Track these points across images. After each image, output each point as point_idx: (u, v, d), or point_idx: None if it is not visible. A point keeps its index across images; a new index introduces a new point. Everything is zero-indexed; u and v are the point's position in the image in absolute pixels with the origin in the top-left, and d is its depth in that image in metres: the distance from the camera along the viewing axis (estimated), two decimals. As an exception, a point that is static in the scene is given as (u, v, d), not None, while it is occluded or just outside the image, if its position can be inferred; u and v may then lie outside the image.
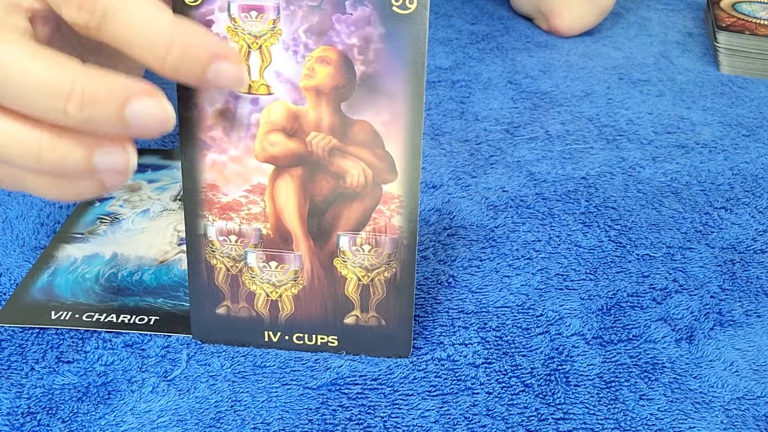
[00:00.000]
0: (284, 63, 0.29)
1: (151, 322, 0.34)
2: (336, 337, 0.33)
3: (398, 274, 0.32)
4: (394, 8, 0.28)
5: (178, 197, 0.42)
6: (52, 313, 0.34)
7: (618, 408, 0.31)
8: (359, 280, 0.32)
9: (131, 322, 0.34)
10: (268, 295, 0.33)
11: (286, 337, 0.33)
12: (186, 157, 0.31)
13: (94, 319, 0.34)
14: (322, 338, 0.33)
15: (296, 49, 0.29)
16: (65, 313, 0.34)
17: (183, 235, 0.38)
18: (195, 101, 0.30)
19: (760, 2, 0.68)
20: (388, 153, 0.30)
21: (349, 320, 0.33)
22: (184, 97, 0.30)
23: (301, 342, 0.33)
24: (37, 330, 0.34)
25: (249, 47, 0.29)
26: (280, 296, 0.32)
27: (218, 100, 0.30)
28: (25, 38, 0.26)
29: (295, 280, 0.32)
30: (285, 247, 0.32)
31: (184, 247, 0.38)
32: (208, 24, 0.29)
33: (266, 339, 0.33)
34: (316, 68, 0.29)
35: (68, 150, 0.27)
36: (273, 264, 0.32)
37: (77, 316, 0.34)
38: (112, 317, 0.34)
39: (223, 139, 0.30)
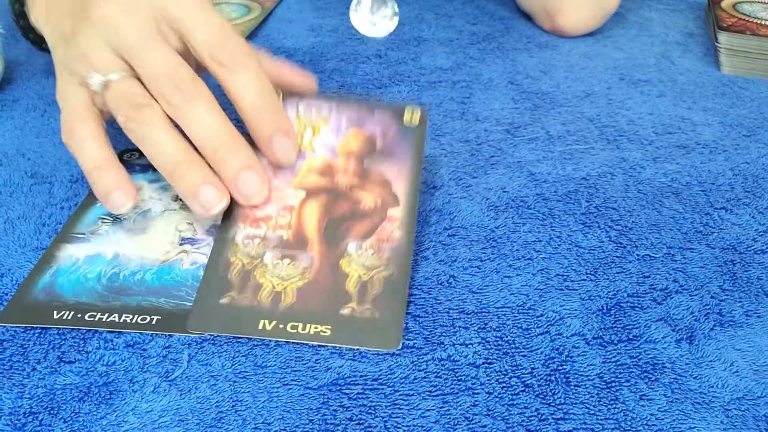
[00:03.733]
0: (328, 136, 0.41)
1: (153, 322, 0.34)
2: (329, 327, 0.33)
3: (395, 273, 0.36)
4: (404, 122, 0.41)
5: (179, 197, 0.42)
6: (55, 312, 0.34)
7: (618, 408, 0.31)
8: (360, 277, 0.35)
9: (133, 321, 0.34)
10: (274, 287, 0.35)
11: (281, 326, 0.33)
12: None
13: (96, 319, 0.34)
14: (315, 327, 0.33)
15: (339, 129, 0.41)
16: (67, 312, 0.34)
17: (184, 234, 0.39)
18: None
19: (762, 2, 0.68)
20: (395, 193, 0.39)
21: (345, 311, 0.34)
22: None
23: (295, 331, 0.33)
24: (39, 330, 0.34)
25: (305, 128, 0.41)
26: (285, 288, 0.35)
27: None
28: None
29: (302, 275, 0.35)
30: (300, 249, 0.36)
31: (185, 247, 0.38)
32: None
33: (260, 327, 0.33)
34: (350, 140, 0.41)
35: (189, 179, 0.36)
36: (286, 261, 0.36)
37: (79, 315, 0.34)
38: (114, 317, 0.34)
39: (270, 171, 0.39)
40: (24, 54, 0.61)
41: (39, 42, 0.53)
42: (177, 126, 0.37)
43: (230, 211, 0.38)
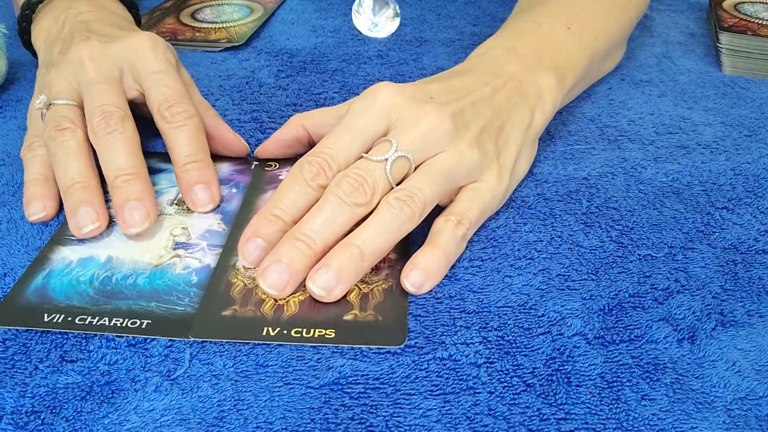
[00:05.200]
0: None
1: (143, 326, 0.34)
2: (333, 330, 0.34)
3: (394, 286, 0.37)
4: None
5: (175, 201, 0.43)
6: (45, 315, 0.34)
7: (620, 408, 0.31)
8: (360, 289, 0.36)
9: (123, 325, 0.34)
10: (276, 301, 0.35)
11: (285, 332, 0.34)
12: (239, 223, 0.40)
13: (86, 323, 0.34)
14: (319, 331, 0.34)
15: None
16: (58, 315, 0.34)
17: (178, 239, 0.40)
18: None
19: (763, 3, 0.68)
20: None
21: (347, 317, 0.34)
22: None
23: (299, 335, 0.33)
24: (41, 329, 0.34)
25: None
26: (288, 301, 0.35)
27: None
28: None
29: (303, 291, 0.36)
30: None
31: (179, 252, 0.39)
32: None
33: (264, 333, 0.33)
34: None
35: (76, 197, 0.40)
36: None
37: (69, 319, 0.34)
38: (105, 320, 0.34)
39: None
40: (27, 54, 0.61)
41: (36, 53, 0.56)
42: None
43: (232, 243, 0.39)
